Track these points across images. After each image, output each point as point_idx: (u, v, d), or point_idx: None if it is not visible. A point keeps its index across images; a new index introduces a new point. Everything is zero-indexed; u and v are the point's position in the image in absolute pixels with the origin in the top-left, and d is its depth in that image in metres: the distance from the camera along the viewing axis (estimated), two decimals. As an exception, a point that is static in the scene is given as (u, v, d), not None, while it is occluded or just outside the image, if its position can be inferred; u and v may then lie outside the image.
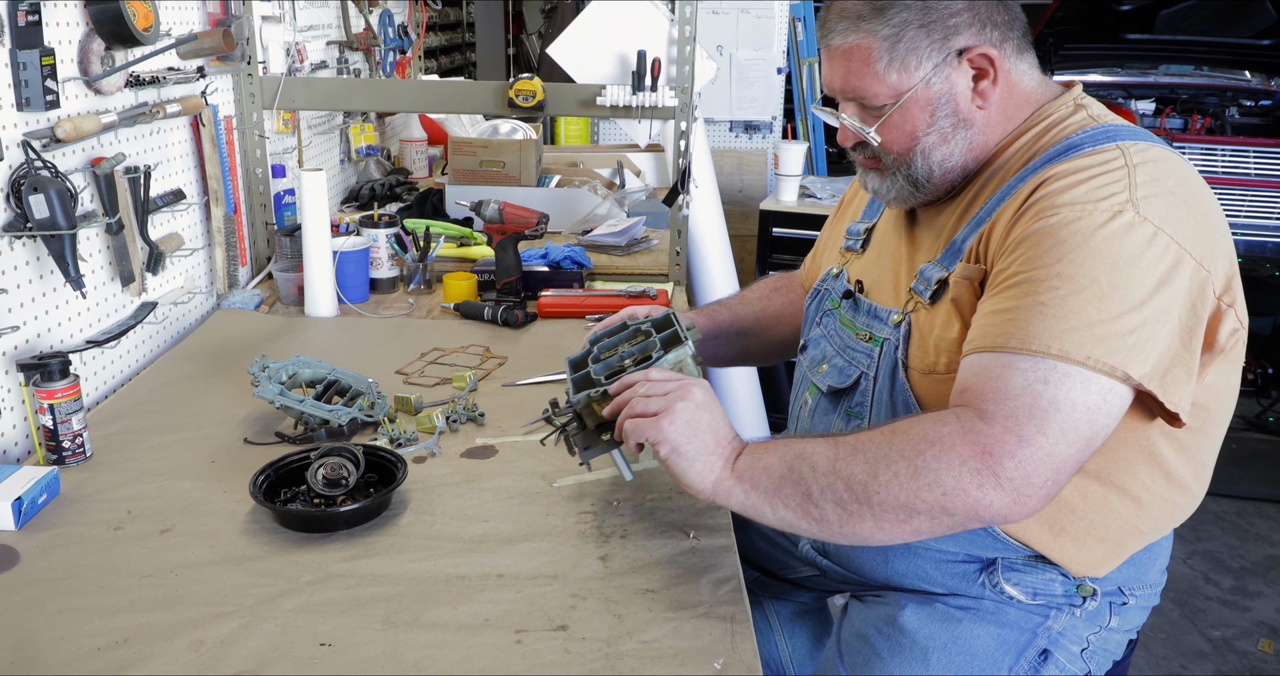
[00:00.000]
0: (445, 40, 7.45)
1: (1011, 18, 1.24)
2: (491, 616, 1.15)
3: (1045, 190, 1.13)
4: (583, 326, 2.19)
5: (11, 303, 1.53)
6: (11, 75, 1.50)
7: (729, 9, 4.96)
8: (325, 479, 1.38)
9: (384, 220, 2.43)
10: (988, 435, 1.03)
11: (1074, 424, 1.04)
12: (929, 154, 1.25)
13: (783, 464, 1.12)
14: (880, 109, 1.24)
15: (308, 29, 2.87)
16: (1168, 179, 1.12)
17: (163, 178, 1.99)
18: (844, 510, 1.08)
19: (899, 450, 1.06)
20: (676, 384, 1.19)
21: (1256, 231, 3.97)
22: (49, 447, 1.49)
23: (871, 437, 1.09)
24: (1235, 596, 2.96)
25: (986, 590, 1.30)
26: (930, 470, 1.04)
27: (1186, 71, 5.32)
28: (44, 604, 1.16)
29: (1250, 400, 4.26)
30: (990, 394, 1.06)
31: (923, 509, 1.05)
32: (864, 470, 1.07)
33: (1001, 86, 1.24)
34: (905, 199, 1.31)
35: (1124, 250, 1.06)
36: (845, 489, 1.07)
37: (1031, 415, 1.03)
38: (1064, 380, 1.04)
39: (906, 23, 1.19)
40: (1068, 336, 1.04)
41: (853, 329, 1.36)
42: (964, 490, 1.03)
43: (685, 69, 2.39)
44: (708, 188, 3.03)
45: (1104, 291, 1.05)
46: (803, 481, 1.10)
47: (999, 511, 1.04)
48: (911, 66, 1.21)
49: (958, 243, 1.23)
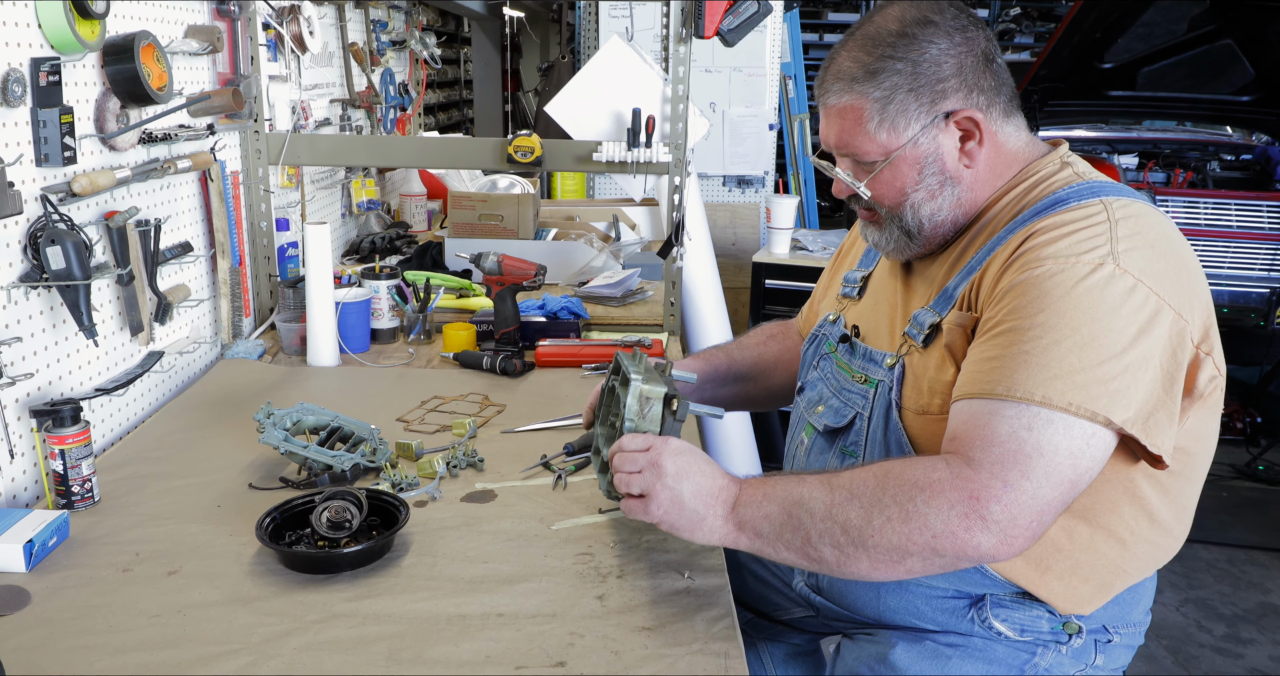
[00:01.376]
0: (444, 97, 7.60)
1: (999, 82, 1.30)
2: (492, 653, 1.18)
3: (1032, 243, 1.19)
4: (579, 375, 2.24)
5: (26, 350, 1.58)
6: (32, 132, 1.57)
7: (722, 67, 5.08)
8: (329, 521, 1.42)
9: (385, 272, 2.48)
10: (975, 480, 1.08)
11: (1058, 468, 1.09)
12: (918, 208, 1.32)
13: (782, 511, 1.17)
14: (872, 165, 1.32)
15: (312, 88, 2.96)
16: (1148, 233, 1.18)
17: (172, 230, 2.05)
18: (841, 552, 1.13)
19: (891, 495, 1.11)
20: (646, 458, 1.23)
21: (1240, 282, 4.05)
22: (58, 492, 1.53)
23: (865, 481, 1.14)
24: (1228, 643, 2.98)
25: (975, 626, 1.33)
26: (921, 515, 1.09)
27: (1169, 127, 5.45)
28: (56, 642, 1.19)
29: (1240, 449, 4.31)
30: (977, 441, 1.11)
31: (914, 550, 1.10)
32: (859, 515, 1.12)
33: (988, 147, 1.30)
34: (902, 250, 1.38)
35: (1104, 301, 1.12)
36: (842, 533, 1.12)
37: (1016, 460, 1.09)
38: (1047, 426, 1.09)
39: (897, 86, 1.26)
40: (1050, 384, 1.10)
41: (849, 371, 1.42)
42: (953, 533, 1.08)
43: (679, 126, 2.47)
44: (701, 240, 3.10)
45: (1085, 340, 1.10)
46: (801, 527, 1.15)
47: (987, 552, 1.09)
48: (901, 127, 1.28)
49: (949, 290, 1.29)
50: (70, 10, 1.58)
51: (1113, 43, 4.34)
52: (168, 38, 1.98)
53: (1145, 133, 5.25)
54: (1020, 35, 10.05)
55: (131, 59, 1.73)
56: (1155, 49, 4.40)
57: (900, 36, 1.27)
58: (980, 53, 1.28)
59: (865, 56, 1.28)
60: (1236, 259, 4.05)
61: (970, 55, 1.27)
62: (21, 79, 1.52)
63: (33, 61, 1.55)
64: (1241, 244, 4.04)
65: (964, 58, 1.27)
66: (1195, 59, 4.49)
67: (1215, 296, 4.13)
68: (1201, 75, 4.57)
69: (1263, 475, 4.09)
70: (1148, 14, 4.16)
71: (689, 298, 3.03)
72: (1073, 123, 5.10)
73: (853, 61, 1.29)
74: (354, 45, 3.30)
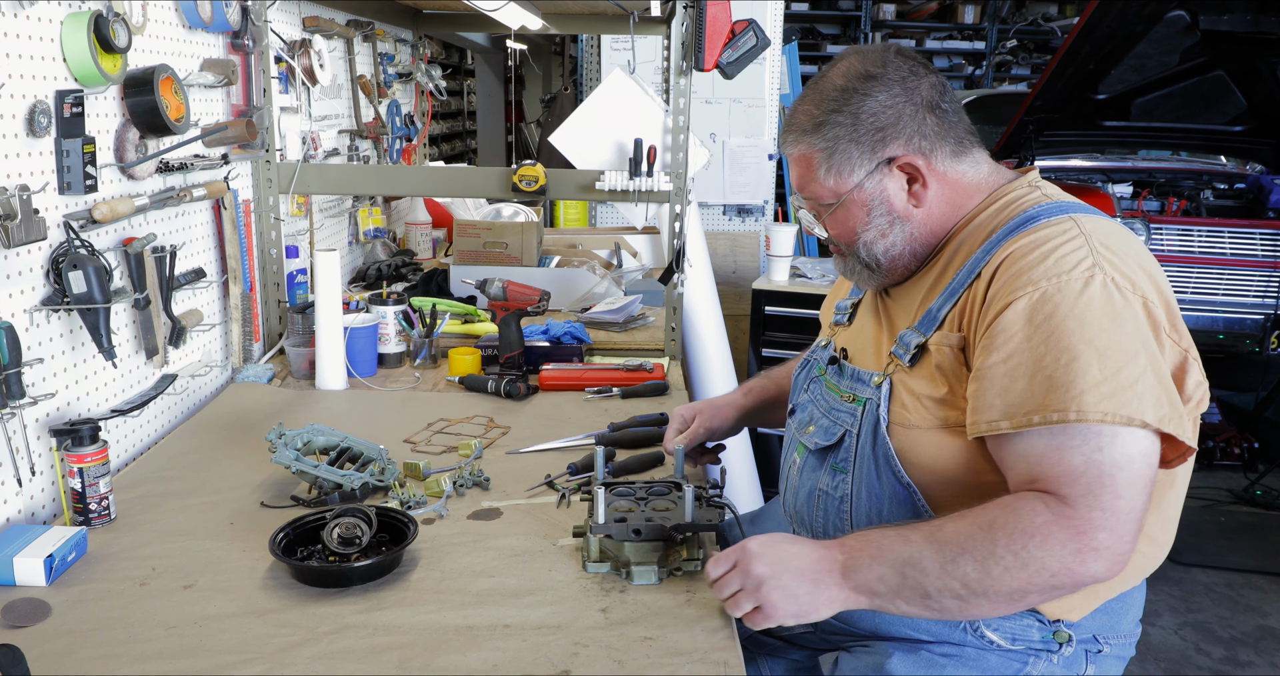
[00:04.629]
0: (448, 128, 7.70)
1: (944, 126, 1.38)
2: (499, 662, 1.22)
3: (1015, 265, 1.25)
4: (582, 398, 2.29)
5: (47, 371, 1.63)
6: (56, 161, 1.63)
7: (722, 99, 5.17)
8: (340, 537, 1.46)
9: (392, 298, 2.54)
10: (1076, 517, 1.15)
11: (1138, 475, 1.17)
12: (871, 246, 1.41)
13: (894, 572, 1.21)
14: (828, 207, 1.42)
15: (322, 119, 3.03)
16: (1119, 244, 1.26)
17: (186, 257, 2.10)
18: (963, 602, 1.20)
19: (1004, 546, 1.17)
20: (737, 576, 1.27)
21: (1235, 309, 4.10)
22: (76, 509, 1.57)
23: (972, 535, 1.19)
24: (1226, 666, 2.99)
25: (969, 635, 1.37)
26: (1036, 559, 1.15)
27: (1164, 157, 5.52)
28: (76, 651, 1.23)
29: (1238, 474, 4.34)
30: (1062, 478, 1.17)
31: (1034, 590, 1.18)
32: (975, 570, 1.18)
33: (936, 186, 1.39)
34: (867, 281, 1.47)
35: (1107, 310, 1.19)
36: (961, 587, 1.19)
37: (1104, 485, 1.15)
38: (1114, 442, 1.16)
39: (839, 137, 1.37)
40: (1084, 399, 1.16)
41: (837, 392, 1.48)
42: (1069, 569, 1.15)
43: (679, 156, 2.53)
44: (701, 267, 3.16)
45: (1104, 351, 1.17)
46: (919, 586, 1.20)
47: (1102, 575, 1.16)
48: (846, 173, 1.38)
49: (933, 311, 1.35)
50: (94, 45, 1.64)
51: (1106, 74, 4.41)
52: (185, 71, 2.05)
53: (1140, 162, 5.32)
54: (1017, 66, 10.19)
55: (151, 91, 1.79)
56: (1148, 80, 4.47)
57: (844, 91, 1.37)
58: (922, 101, 1.36)
59: (814, 110, 1.39)
60: (1231, 286, 4.09)
61: (910, 104, 1.36)
62: (47, 110, 1.58)
63: (58, 94, 1.61)
64: (1235, 271, 4.09)
65: (903, 107, 1.36)
66: (1188, 90, 4.56)
67: (1210, 323, 4.16)
68: (1194, 106, 4.63)
69: (1260, 500, 4.12)
70: (1140, 46, 4.24)
71: (689, 323, 3.09)
72: (1069, 153, 5.17)
73: (804, 115, 1.40)
74: (362, 78, 3.38)
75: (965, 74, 10.27)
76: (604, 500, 1.45)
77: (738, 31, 2.54)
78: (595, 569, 1.45)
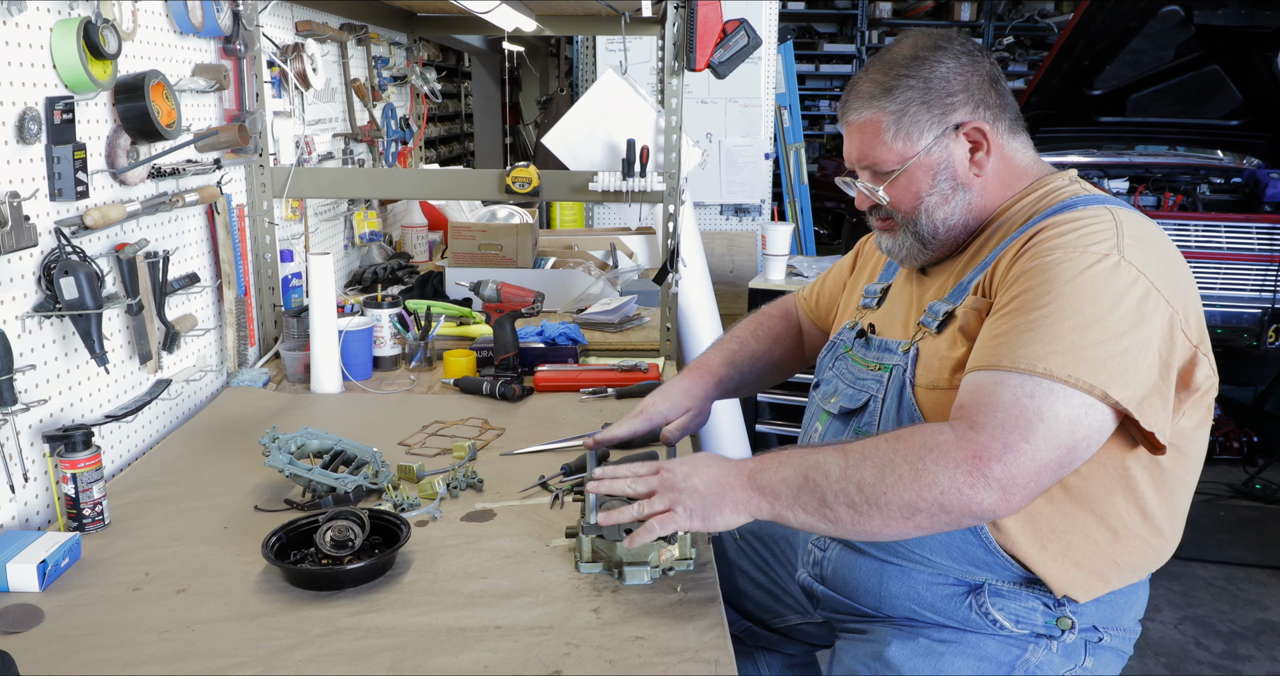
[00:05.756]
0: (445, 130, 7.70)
1: (1004, 102, 1.43)
2: (490, 663, 1.22)
3: (1042, 235, 1.30)
4: (577, 399, 2.29)
5: (39, 378, 1.63)
6: (47, 168, 1.63)
7: (718, 98, 5.17)
8: (333, 540, 1.46)
9: (387, 301, 2.54)
10: (977, 442, 1.17)
11: (1056, 433, 1.17)
12: (932, 212, 1.43)
13: (798, 474, 1.25)
14: (889, 174, 1.44)
15: (316, 123, 3.04)
16: (1150, 236, 1.29)
17: (179, 262, 2.11)
18: (856, 511, 1.21)
19: (902, 455, 1.19)
20: (655, 478, 1.33)
21: (1232, 303, 4.10)
22: (70, 515, 1.58)
23: (877, 445, 1.23)
24: (1226, 661, 2.99)
25: (973, 614, 1.39)
26: (929, 472, 1.17)
27: (1160, 152, 5.52)
28: (69, 657, 1.23)
29: (1237, 468, 4.34)
30: (982, 407, 1.20)
31: (924, 507, 1.18)
32: (872, 475, 1.20)
33: (995, 158, 1.42)
34: (915, 257, 1.49)
35: (1108, 288, 1.21)
36: (856, 492, 1.20)
37: (1017, 425, 1.17)
38: (1048, 395, 1.18)
39: (910, 100, 1.40)
40: (1051, 357, 1.18)
41: (864, 364, 1.51)
42: (958, 489, 1.16)
43: (672, 156, 2.54)
44: (697, 267, 3.16)
45: (1088, 322, 1.20)
46: (818, 488, 1.23)
47: (988, 508, 1.17)
48: (915, 137, 1.41)
49: (965, 283, 1.40)
50: (83, 51, 1.65)
51: (1101, 70, 4.42)
52: (176, 76, 2.05)
53: (1137, 158, 5.32)
54: (1014, 63, 10.19)
55: (142, 97, 1.79)
56: (1143, 75, 4.48)
57: (913, 59, 1.41)
58: (986, 74, 1.42)
59: (882, 77, 1.42)
60: (1228, 280, 4.09)
61: (976, 75, 1.41)
62: (37, 117, 1.59)
63: (48, 100, 1.62)
64: (1232, 265, 4.09)
65: (970, 76, 1.41)
66: (1183, 85, 4.57)
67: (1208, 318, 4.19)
68: (1190, 101, 4.64)
69: (1260, 494, 4.12)
70: (1135, 41, 4.24)
71: (685, 323, 3.09)
72: (1066, 149, 5.17)
73: (871, 83, 1.43)
74: (356, 81, 3.38)
75: (962, 71, 10.24)
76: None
77: (729, 31, 2.54)
78: (587, 569, 1.45)
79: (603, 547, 1.45)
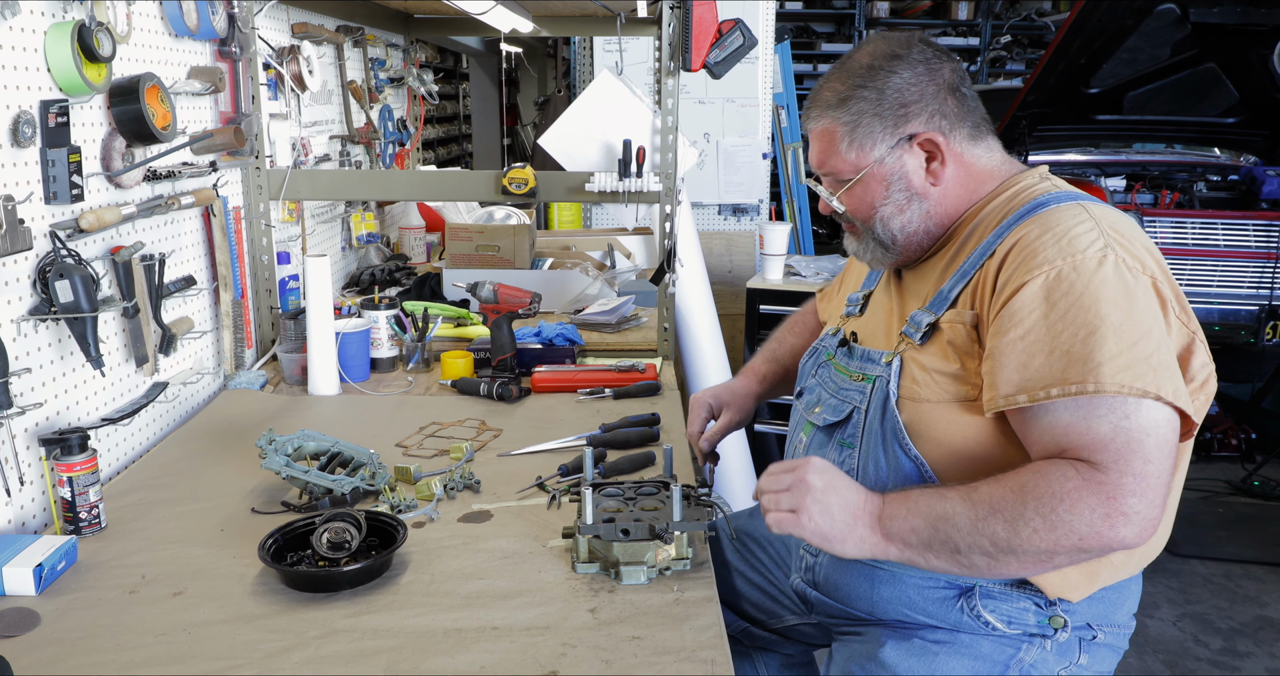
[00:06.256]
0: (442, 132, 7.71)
1: (964, 109, 1.42)
2: (487, 664, 1.22)
3: (1029, 247, 1.28)
4: (575, 399, 2.29)
5: (35, 381, 1.63)
6: (42, 171, 1.63)
7: (715, 98, 5.17)
8: (330, 542, 1.46)
9: (384, 302, 2.54)
10: (1107, 482, 1.18)
11: (1165, 441, 1.20)
12: (888, 221, 1.44)
13: (928, 525, 1.25)
14: (847, 182, 1.44)
15: (312, 125, 3.04)
16: (1126, 229, 1.30)
17: (176, 264, 2.10)
18: (992, 559, 1.23)
19: (1034, 508, 1.19)
20: (793, 476, 1.31)
21: (1230, 300, 4.10)
22: (66, 518, 1.58)
23: (1004, 497, 1.22)
24: (1225, 657, 3.00)
25: (965, 616, 1.38)
26: (1065, 522, 1.18)
27: (1158, 149, 5.52)
28: (65, 660, 1.23)
29: (1235, 465, 4.35)
30: (1092, 446, 1.20)
31: (1062, 551, 1.20)
32: (1005, 529, 1.20)
33: (954, 166, 1.42)
34: (880, 259, 1.49)
35: (1121, 287, 1.22)
36: (991, 544, 1.22)
37: (1132, 449, 1.18)
38: (1139, 410, 1.19)
39: (863, 112, 1.41)
40: (1101, 371, 1.18)
41: (846, 373, 1.50)
42: (1098, 532, 1.18)
43: (668, 156, 2.54)
44: (694, 267, 3.16)
45: (1119, 327, 1.20)
46: (949, 540, 1.23)
47: (1131, 539, 1.18)
48: (868, 148, 1.42)
49: (945, 292, 1.38)
50: (78, 54, 1.65)
51: (1098, 68, 4.42)
52: (171, 79, 2.05)
53: (1134, 155, 5.32)
54: (1011, 62, 10.19)
55: (136, 100, 1.79)
56: (1140, 74, 4.47)
57: (869, 69, 1.41)
58: (944, 83, 1.41)
59: (840, 86, 1.43)
60: (1225, 277, 4.09)
61: (933, 84, 1.40)
62: (31, 120, 1.59)
63: (42, 104, 1.62)
64: (1229, 262, 4.09)
65: (926, 86, 1.40)
66: (1180, 83, 4.56)
67: (1205, 315, 4.16)
68: (1186, 99, 4.64)
69: (1258, 490, 4.12)
70: (1131, 40, 4.24)
71: (683, 322, 3.09)
72: (1063, 147, 5.17)
73: (830, 91, 1.44)
74: (353, 83, 3.38)
75: (959, 70, 10.25)
76: (592, 500, 1.45)
77: (725, 31, 2.55)
78: (584, 569, 1.45)
79: (599, 548, 1.45)
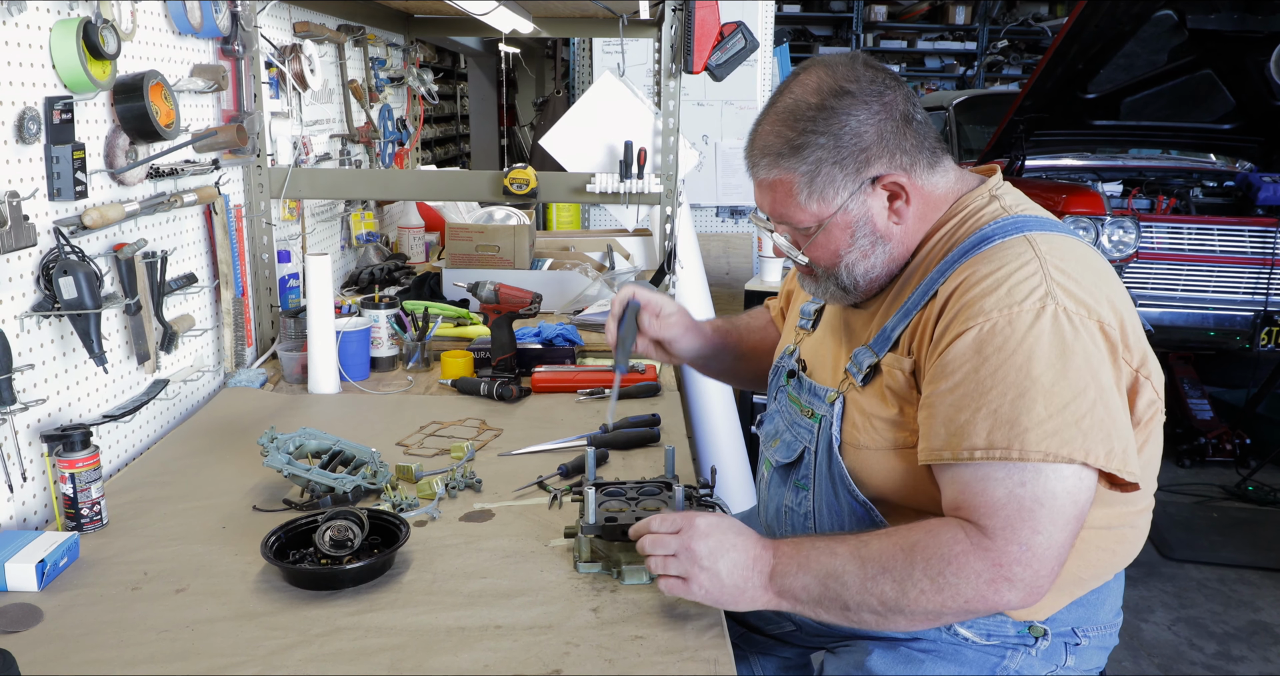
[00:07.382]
0: (441, 132, 7.71)
1: (920, 140, 1.33)
2: (490, 662, 1.22)
3: (968, 294, 1.23)
4: (574, 399, 2.29)
5: (38, 377, 1.63)
6: (46, 168, 1.63)
7: (714, 101, 5.18)
8: (332, 540, 1.47)
9: (384, 301, 2.54)
10: (993, 549, 1.16)
11: (1061, 511, 1.16)
12: (853, 268, 1.36)
13: (818, 582, 1.23)
14: (807, 231, 1.37)
15: (313, 123, 3.04)
16: (1074, 265, 1.23)
17: (177, 262, 2.11)
18: (880, 617, 1.22)
19: (921, 569, 1.18)
20: (678, 541, 1.27)
21: (1225, 306, 4.11)
22: (68, 515, 1.58)
23: (894, 556, 1.20)
24: (1219, 661, 3.01)
25: (942, 633, 1.39)
26: (951, 586, 1.17)
27: (1154, 155, 5.54)
28: (68, 656, 1.23)
29: (1230, 470, 4.37)
30: (982, 509, 1.17)
31: (949, 613, 1.20)
32: (893, 590, 1.19)
33: (915, 201, 1.34)
34: (839, 299, 1.44)
35: (1056, 344, 1.17)
36: (879, 604, 1.21)
37: (1023, 519, 1.16)
38: (1037, 478, 1.15)
39: (821, 160, 1.30)
40: (1027, 436, 1.15)
41: (798, 405, 1.48)
42: (983, 596, 1.17)
43: (669, 158, 2.54)
44: (693, 268, 3.16)
45: (1048, 388, 1.16)
46: (839, 598, 1.22)
47: (1017, 603, 1.18)
48: (830, 196, 1.32)
49: (888, 330, 1.34)
50: (83, 51, 1.65)
51: (1095, 74, 4.43)
52: (175, 77, 2.06)
53: (1130, 161, 5.34)
54: (1008, 66, 10.23)
55: (140, 97, 1.80)
56: (1137, 79, 4.49)
57: (820, 109, 1.29)
58: (899, 116, 1.31)
59: (788, 131, 1.31)
60: (1220, 283, 4.11)
61: (889, 120, 1.30)
62: (36, 117, 1.59)
63: (47, 100, 1.62)
64: (1225, 268, 4.11)
65: (884, 124, 1.30)
66: (1176, 89, 4.58)
67: (1200, 320, 4.16)
68: (1183, 104, 4.66)
69: (1252, 496, 4.14)
70: (1128, 45, 4.26)
71: (682, 325, 3.08)
72: (1059, 152, 5.19)
73: (776, 137, 1.32)
74: (353, 82, 3.38)
75: (956, 74, 10.30)
76: (594, 500, 1.46)
77: (726, 34, 2.55)
78: (586, 569, 1.46)
79: (601, 547, 1.46)
